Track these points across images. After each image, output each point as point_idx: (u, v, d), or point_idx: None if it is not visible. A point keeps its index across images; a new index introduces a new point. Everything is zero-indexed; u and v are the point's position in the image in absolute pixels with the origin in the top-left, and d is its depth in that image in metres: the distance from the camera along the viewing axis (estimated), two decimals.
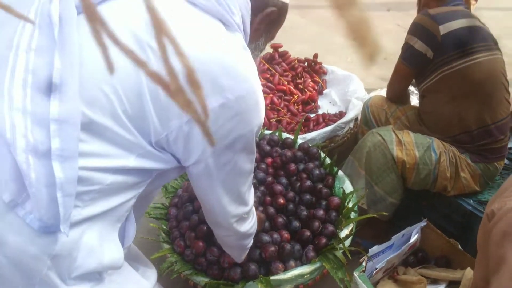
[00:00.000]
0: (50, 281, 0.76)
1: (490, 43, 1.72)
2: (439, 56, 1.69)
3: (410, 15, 1.84)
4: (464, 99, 1.73)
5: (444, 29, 1.65)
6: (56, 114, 0.69)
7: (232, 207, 1.00)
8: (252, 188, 1.07)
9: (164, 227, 1.60)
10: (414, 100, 2.35)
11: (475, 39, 1.68)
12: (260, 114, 0.87)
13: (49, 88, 0.69)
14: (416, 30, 1.74)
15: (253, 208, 1.15)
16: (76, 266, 0.77)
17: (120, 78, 0.74)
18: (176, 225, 1.59)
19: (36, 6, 0.74)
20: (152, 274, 1.06)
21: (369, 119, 2.09)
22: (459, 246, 1.66)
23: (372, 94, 2.30)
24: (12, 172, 0.68)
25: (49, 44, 0.71)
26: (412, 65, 1.80)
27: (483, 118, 1.75)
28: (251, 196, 1.07)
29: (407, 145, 1.73)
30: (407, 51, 1.78)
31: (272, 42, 2.73)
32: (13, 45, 0.71)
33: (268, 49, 2.70)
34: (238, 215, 1.04)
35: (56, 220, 0.71)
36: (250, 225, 1.13)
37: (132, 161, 0.79)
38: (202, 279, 1.41)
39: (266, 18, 0.98)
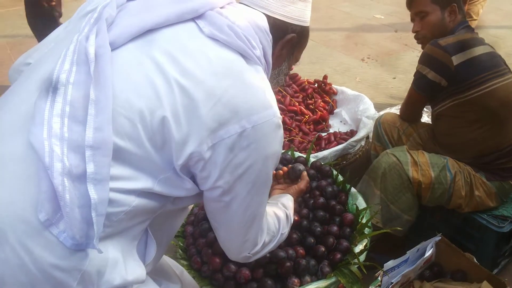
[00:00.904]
0: None
1: (501, 67, 1.73)
2: (453, 85, 1.70)
3: None
4: (479, 125, 1.73)
5: (456, 59, 1.66)
6: (91, 141, 0.76)
7: (237, 241, 1.01)
8: (265, 231, 1.06)
9: (181, 244, 1.64)
10: (425, 117, 2.38)
11: (487, 67, 1.69)
12: (276, 144, 0.91)
13: (85, 118, 0.77)
14: (428, 60, 1.74)
15: (266, 246, 1.10)
16: (103, 281, 0.82)
17: (147, 107, 0.81)
18: (192, 242, 1.62)
19: (75, 44, 0.83)
20: None
21: (382, 135, 2.12)
22: (475, 260, 1.66)
23: (383, 112, 2.33)
24: (49, 193, 0.74)
25: (85, 79, 0.79)
26: (426, 93, 1.82)
27: (499, 142, 1.75)
28: (261, 237, 1.05)
29: (422, 165, 1.75)
30: (420, 80, 1.79)
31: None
32: (53, 79, 0.79)
33: None
34: (243, 252, 1.04)
35: (87, 238, 0.77)
36: (266, 250, 1.10)
37: (156, 185, 0.85)
38: None
39: (286, 45, 1.03)
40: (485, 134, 1.74)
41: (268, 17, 0.97)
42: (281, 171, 1.54)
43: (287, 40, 1.02)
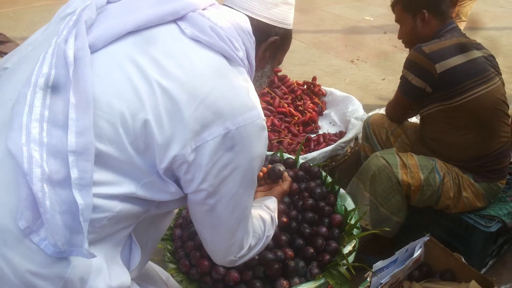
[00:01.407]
0: None
1: (487, 73, 1.71)
2: (437, 92, 1.71)
3: None
4: (465, 131, 1.74)
5: (440, 67, 1.65)
6: (74, 146, 0.74)
7: (223, 245, 0.99)
8: (251, 234, 1.05)
9: (170, 248, 1.62)
10: (413, 118, 2.39)
11: (472, 75, 1.68)
12: (260, 145, 0.90)
13: (66, 122, 0.75)
14: (412, 67, 1.75)
15: (252, 249, 1.09)
16: (88, 287, 0.81)
17: (129, 110, 0.79)
18: (181, 245, 1.61)
19: (53, 47, 0.81)
20: None
21: (370, 136, 2.13)
22: (463, 260, 1.67)
23: (372, 113, 2.34)
24: (28, 200, 0.73)
25: (65, 82, 0.77)
26: (411, 98, 1.83)
27: (486, 147, 1.76)
28: (247, 241, 1.04)
29: (411, 168, 1.76)
30: (406, 85, 1.79)
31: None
32: (31, 83, 0.77)
33: None
34: (228, 256, 1.02)
35: (70, 246, 0.75)
36: (250, 255, 1.09)
37: (139, 190, 0.84)
38: None
39: (269, 47, 1.03)
40: (472, 140, 1.74)
41: (252, 19, 0.97)
42: (261, 173, 1.53)
43: (270, 42, 1.02)
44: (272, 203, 1.29)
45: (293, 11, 1.05)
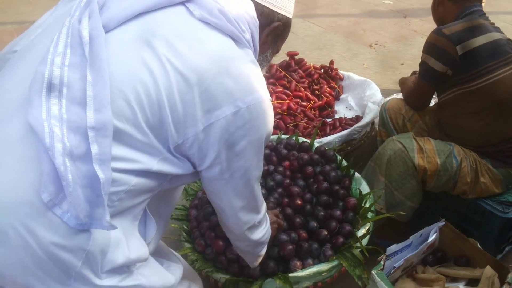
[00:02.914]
0: (84, 276, 0.83)
1: (507, 55, 1.67)
2: (457, 75, 1.68)
3: (425, 21, 1.87)
4: (484, 115, 1.71)
5: (461, 49, 1.62)
6: (93, 122, 0.77)
7: (242, 213, 1.05)
8: (262, 198, 1.11)
9: (185, 227, 1.66)
10: (432, 102, 2.35)
11: (494, 56, 1.65)
12: (268, 123, 0.94)
13: (84, 99, 0.78)
14: (432, 50, 1.71)
15: (266, 216, 1.19)
16: (106, 260, 0.85)
17: (143, 90, 0.82)
18: (196, 226, 1.64)
19: (67, 27, 0.83)
20: (177, 269, 1.11)
21: (387, 122, 2.11)
22: (479, 245, 1.66)
23: (389, 98, 2.31)
24: (51, 174, 0.75)
25: (81, 61, 0.80)
26: (432, 83, 1.79)
27: (505, 132, 1.73)
28: (263, 205, 1.12)
29: (428, 152, 1.74)
30: (426, 70, 1.76)
31: (289, 50, 2.77)
32: (47, 61, 0.79)
33: (284, 57, 2.76)
34: (249, 222, 1.08)
35: (91, 218, 0.78)
36: (262, 233, 1.16)
37: (154, 165, 0.86)
38: (222, 276, 1.46)
39: (272, 32, 1.06)
40: (491, 125, 1.72)
41: (256, 3, 1.00)
42: None
43: (273, 27, 1.05)
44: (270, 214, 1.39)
45: (294, 1, 1.08)
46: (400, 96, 2.58)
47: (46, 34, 0.89)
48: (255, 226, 1.11)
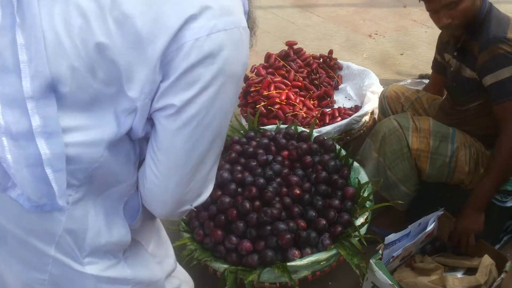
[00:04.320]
0: (63, 262, 0.78)
1: None
2: None
3: (425, 11, 1.74)
4: None
5: None
6: (30, 91, 0.67)
7: (179, 189, 0.80)
8: (213, 180, 0.87)
9: (184, 217, 1.66)
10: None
11: None
12: (240, 60, 0.75)
13: (17, 66, 0.67)
14: (505, 59, 1.54)
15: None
16: (85, 245, 0.79)
17: (79, 39, 0.69)
18: (195, 215, 1.64)
19: None
20: (168, 265, 1.04)
21: (386, 109, 2.10)
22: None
23: (389, 86, 2.28)
24: None
25: (11, 22, 0.68)
26: None
27: None
28: (208, 187, 0.86)
29: (423, 132, 1.72)
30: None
31: (287, 39, 2.75)
32: None
33: (283, 46, 2.74)
34: (184, 203, 0.83)
35: (49, 199, 0.72)
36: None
37: (119, 129, 0.74)
38: (221, 266, 1.46)
39: None
40: None
41: None
42: None
43: None
44: None
45: None
46: (401, 83, 2.57)
47: None
48: (188, 211, 0.86)
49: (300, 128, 1.98)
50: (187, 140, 0.75)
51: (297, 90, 2.45)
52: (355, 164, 1.79)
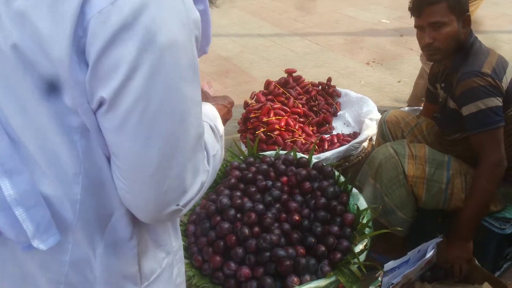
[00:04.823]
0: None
1: None
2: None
3: None
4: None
5: (505, 82, 1.62)
6: None
7: (152, 193, 0.67)
8: (201, 168, 0.72)
9: (183, 243, 1.65)
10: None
11: None
12: (174, 11, 0.61)
13: None
14: (488, 91, 1.58)
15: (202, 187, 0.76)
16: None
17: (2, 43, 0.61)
18: (194, 241, 1.64)
19: None
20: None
21: (386, 134, 2.12)
22: (476, 262, 1.65)
23: (389, 111, 2.30)
24: None
25: None
26: (502, 122, 1.62)
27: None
28: (195, 178, 0.71)
29: (418, 159, 1.75)
30: (494, 113, 1.59)
31: (287, 67, 2.80)
32: None
33: (282, 74, 2.79)
34: (167, 205, 0.70)
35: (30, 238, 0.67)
36: (198, 196, 0.76)
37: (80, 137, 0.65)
38: None
39: None
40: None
41: None
42: None
43: None
44: (208, 108, 0.90)
45: None
46: (402, 109, 2.60)
47: None
48: (179, 211, 0.72)
49: (299, 154, 2.00)
50: (134, 139, 0.62)
51: (296, 116, 2.48)
52: (354, 190, 1.79)
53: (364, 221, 1.63)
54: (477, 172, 1.64)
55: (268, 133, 2.29)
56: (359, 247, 1.54)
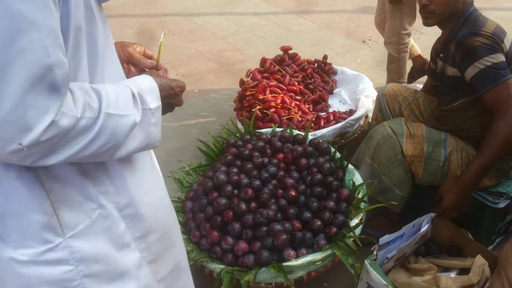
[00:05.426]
0: None
1: None
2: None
3: (418, 18, 1.78)
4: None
5: (506, 45, 1.62)
6: None
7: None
8: (44, 107, 0.64)
9: (181, 219, 1.67)
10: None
11: None
12: None
13: None
14: (490, 49, 1.58)
15: (65, 130, 0.68)
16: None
17: None
18: (191, 217, 1.65)
19: None
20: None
21: (384, 107, 2.12)
22: (470, 235, 1.68)
23: (388, 84, 2.29)
24: None
25: None
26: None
27: None
28: (40, 116, 0.64)
29: (417, 138, 1.75)
30: (499, 67, 1.57)
31: (282, 45, 2.77)
32: None
33: (278, 52, 2.77)
34: (5, 143, 0.63)
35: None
36: (62, 140, 0.69)
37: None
38: (217, 266, 1.47)
39: None
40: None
41: None
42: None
43: None
44: (139, 79, 0.86)
45: None
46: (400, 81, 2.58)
47: None
48: (20, 150, 0.64)
49: (296, 131, 2.01)
50: None
51: (292, 94, 2.47)
52: (350, 166, 1.81)
53: (360, 196, 1.64)
54: (497, 126, 1.58)
55: (264, 111, 2.29)
56: (354, 221, 1.56)
